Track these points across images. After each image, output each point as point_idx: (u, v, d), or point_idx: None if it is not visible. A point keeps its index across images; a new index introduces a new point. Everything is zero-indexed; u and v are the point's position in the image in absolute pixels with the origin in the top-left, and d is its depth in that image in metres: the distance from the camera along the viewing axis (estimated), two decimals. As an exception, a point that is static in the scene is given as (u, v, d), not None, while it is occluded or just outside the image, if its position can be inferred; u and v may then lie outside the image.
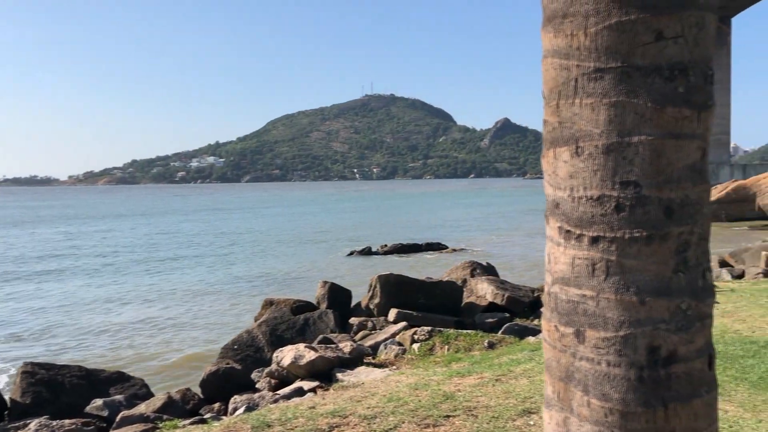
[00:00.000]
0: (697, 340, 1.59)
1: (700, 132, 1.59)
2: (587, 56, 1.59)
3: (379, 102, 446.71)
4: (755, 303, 7.95)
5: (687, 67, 1.55)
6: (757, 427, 4.11)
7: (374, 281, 9.72)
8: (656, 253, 1.56)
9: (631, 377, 1.56)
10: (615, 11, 1.54)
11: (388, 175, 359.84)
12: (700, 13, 1.56)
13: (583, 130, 1.60)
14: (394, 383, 5.60)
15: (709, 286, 1.62)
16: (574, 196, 1.63)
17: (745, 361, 5.47)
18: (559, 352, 1.68)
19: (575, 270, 1.64)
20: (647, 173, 1.55)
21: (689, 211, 1.57)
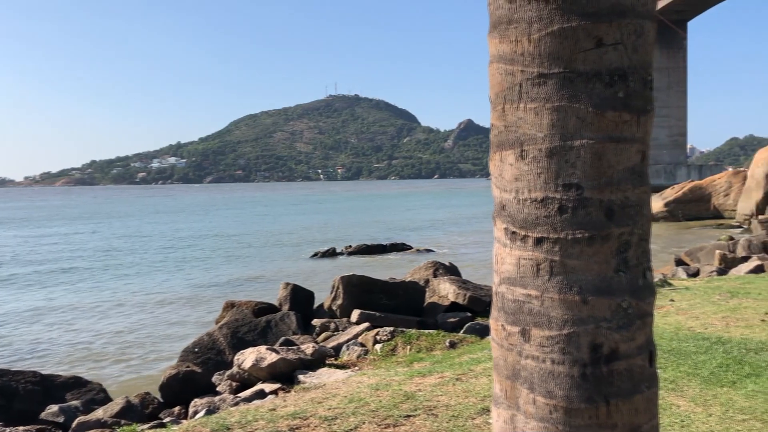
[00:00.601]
0: (637, 338, 1.64)
1: (640, 136, 1.64)
2: (531, 62, 1.63)
3: (343, 102, 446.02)
4: (708, 300, 8.17)
5: (626, 72, 1.60)
6: (707, 420, 4.23)
7: (337, 282, 9.72)
8: (598, 253, 1.60)
9: (574, 374, 1.60)
10: (557, 18, 1.58)
11: (353, 176, 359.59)
12: (638, 20, 1.61)
13: (528, 133, 1.65)
14: (355, 384, 5.62)
15: (650, 285, 1.68)
16: (519, 198, 1.67)
17: (697, 357, 5.62)
18: (505, 350, 1.72)
19: (521, 270, 1.67)
20: (589, 176, 1.59)
21: (629, 213, 1.62)
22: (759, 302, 7.87)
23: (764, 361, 5.46)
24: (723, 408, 4.44)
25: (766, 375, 5.10)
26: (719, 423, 4.18)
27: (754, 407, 4.44)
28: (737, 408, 4.44)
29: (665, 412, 4.36)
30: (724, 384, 4.94)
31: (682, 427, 4.14)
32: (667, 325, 6.87)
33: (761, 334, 6.34)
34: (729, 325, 6.80)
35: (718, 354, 5.68)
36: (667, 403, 4.53)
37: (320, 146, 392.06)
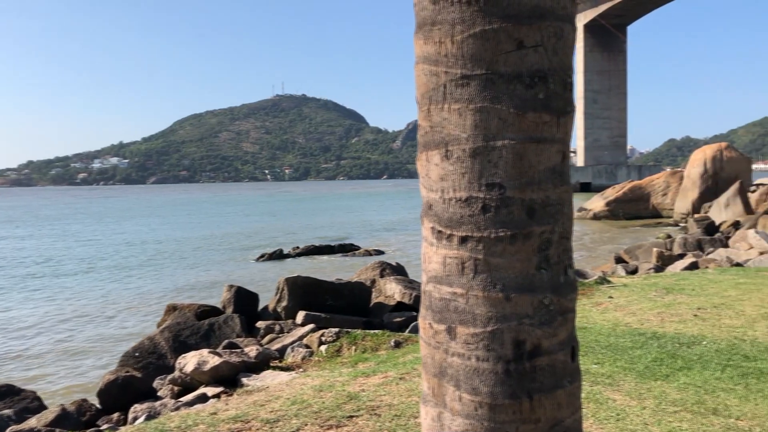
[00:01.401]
0: (559, 334, 1.68)
1: (560, 136, 1.67)
2: (454, 63, 1.65)
3: (290, 102, 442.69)
4: (645, 297, 8.40)
5: (547, 74, 1.63)
6: (641, 413, 4.35)
7: (281, 284, 9.64)
8: (520, 251, 1.64)
9: (498, 371, 1.63)
10: (479, 20, 1.60)
11: (301, 176, 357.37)
12: (558, 23, 1.64)
13: (452, 134, 1.66)
14: (299, 386, 5.58)
15: (571, 282, 1.72)
16: (445, 198, 1.69)
17: (633, 352, 5.77)
18: (433, 348, 1.74)
19: (446, 269, 1.69)
20: (511, 175, 1.62)
21: (550, 212, 1.66)
22: (692, 298, 8.14)
23: (696, 354, 5.66)
24: (656, 401, 4.58)
25: (697, 368, 5.28)
26: (652, 415, 4.31)
27: (685, 399, 4.60)
28: (669, 400, 4.58)
29: (602, 407, 4.47)
30: (658, 377, 5.09)
31: (617, 420, 4.24)
32: (605, 322, 7.05)
33: (693, 329, 6.56)
34: (664, 320, 7.02)
35: (653, 349, 5.85)
36: (604, 398, 4.64)
37: (267, 146, 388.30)
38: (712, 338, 6.17)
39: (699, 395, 4.68)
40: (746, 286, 8.75)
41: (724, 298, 7.98)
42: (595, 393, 4.74)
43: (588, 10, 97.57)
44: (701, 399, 4.60)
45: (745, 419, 4.24)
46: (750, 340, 6.10)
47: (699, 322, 6.84)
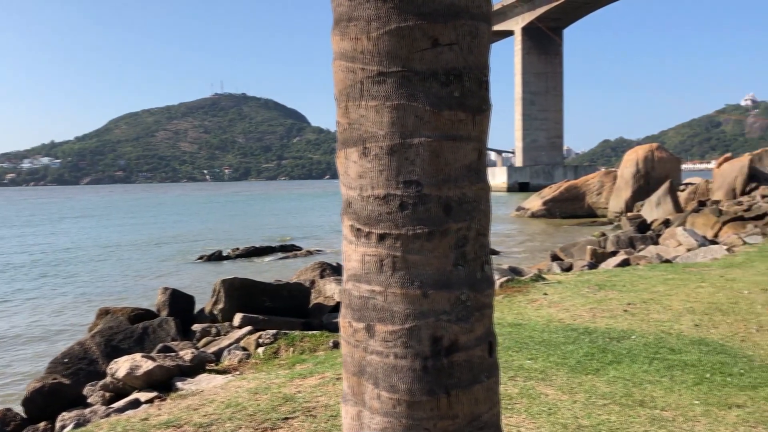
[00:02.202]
0: (476, 329, 1.70)
1: (476, 134, 1.69)
2: (371, 60, 1.65)
3: (230, 101, 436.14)
4: (578, 293, 8.61)
5: (462, 72, 1.65)
6: (572, 407, 4.45)
7: (218, 286, 9.47)
8: (437, 248, 1.64)
9: (416, 368, 1.63)
10: (394, 17, 1.60)
11: (241, 176, 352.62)
12: (473, 22, 1.66)
13: (370, 131, 1.66)
14: (234, 389, 5.50)
15: (488, 277, 1.74)
16: (363, 196, 1.69)
17: (565, 348, 5.90)
18: (352, 347, 1.73)
19: (365, 267, 1.69)
20: (427, 173, 1.63)
21: (467, 209, 1.67)
22: (623, 294, 8.39)
23: (625, 348, 5.83)
24: (587, 395, 4.69)
25: (626, 362, 5.44)
26: (582, 409, 4.41)
27: (614, 392, 4.73)
28: (599, 394, 4.70)
29: (534, 401, 4.55)
30: (589, 372, 5.22)
31: (549, 414, 4.33)
32: (539, 318, 7.19)
33: (623, 324, 6.76)
34: (595, 316, 7.21)
35: (585, 344, 6.00)
36: (537, 393, 4.73)
37: (206, 146, 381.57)
38: (641, 332, 6.37)
39: (627, 388, 4.82)
40: (674, 282, 9.07)
41: (652, 294, 8.25)
42: (528, 388, 4.82)
43: (525, 13, 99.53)
44: (629, 391, 4.74)
45: (670, 409, 4.40)
46: (676, 334, 6.32)
47: (629, 317, 7.05)
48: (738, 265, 10.69)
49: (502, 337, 6.23)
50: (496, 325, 6.88)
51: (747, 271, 9.83)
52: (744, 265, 10.63)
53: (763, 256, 11.50)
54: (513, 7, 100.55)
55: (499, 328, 6.63)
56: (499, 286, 9.43)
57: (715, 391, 4.74)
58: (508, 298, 8.59)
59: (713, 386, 4.85)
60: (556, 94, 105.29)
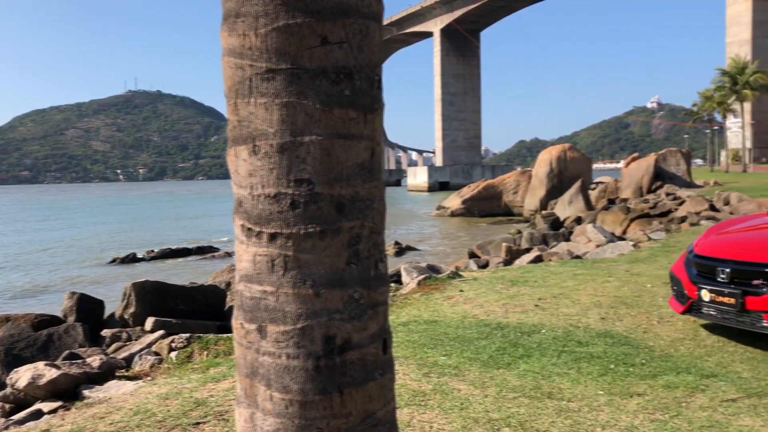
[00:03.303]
0: (370, 327, 1.71)
1: (368, 133, 1.70)
2: (259, 56, 1.63)
3: (144, 98, 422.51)
4: (492, 290, 8.80)
5: (352, 71, 1.65)
6: (483, 401, 4.54)
7: (128, 289, 9.16)
8: (329, 246, 1.64)
9: (308, 367, 1.63)
10: (282, 14, 1.59)
11: (156, 176, 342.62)
12: (363, 21, 1.67)
13: (259, 129, 1.65)
14: (144, 395, 5.33)
15: (382, 275, 1.75)
16: (254, 194, 1.67)
17: (479, 343, 6.02)
18: (245, 349, 1.71)
19: (257, 267, 1.67)
20: (319, 171, 1.63)
21: (360, 207, 1.68)
22: (535, 289, 8.63)
23: (535, 342, 6.00)
24: (498, 388, 4.79)
25: (536, 355, 5.60)
26: (494, 403, 4.51)
27: (524, 385, 4.86)
28: (510, 387, 4.82)
29: (447, 397, 4.62)
30: (501, 366, 5.34)
31: (461, 409, 4.40)
32: (455, 314, 7.31)
33: (534, 318, 6.96)
34: (508, 311, 7.39)
35: (497, 338, 6.13)
36: (450, 388, 4.80)
37: (119, 145, 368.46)
38: (551, 326, 6.57)
39: (536, 381, 4.96)
40: (582, 277, 9.41)
41: (562, 289, 8.53)
42: (442, 384, 4.89)
43: (444, 15, 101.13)
44: (538, 384, 4.88)
45: (576, 400, 4.55)
46: (583, 327, 6.55)
47: (539, 312, 7.26)
48: (643, 260, 11.21)
49: (418, 335, 6.30)
50: (413, 323, 6.97)
51: (651, 266, 10.32)
52: (648, 260, 11.16)
53: (665, 251, 12.10)
54: (432, 9, 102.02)
55: (415, 326, 6.71)
56: (417, 284, 9.53)
57: (619, 381, 4.95)
58: (425, 296, 8.70)
59: (617, 376, 5.06)
60: (474, 96, 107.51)
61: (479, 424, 4.14)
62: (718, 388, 4.78)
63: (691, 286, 6.12)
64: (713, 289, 5.86)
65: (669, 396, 4.63)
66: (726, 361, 5.50)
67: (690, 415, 4.28)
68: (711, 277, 5.98)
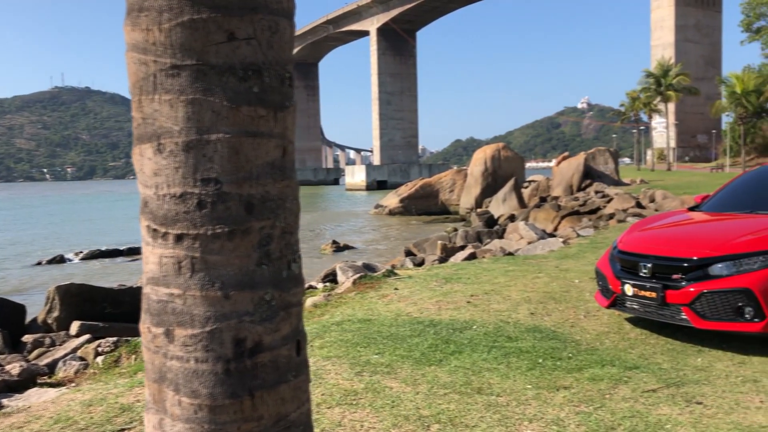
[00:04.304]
0: (282, 329, 1.68)
1: (279, 131, 1.68)
2: (163, 52, 1.59)
3: (72, 95, 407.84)
4: (426, 287, 8.87)
5: (261, 68, 1.63)
6: (414, 398, 4.57)
7: (52, 293, 8.82)
8: (239, 247, 1.62)
9: (218, 371, 1.60)
10: (187, 9, 1.56)
11: (86, 175, 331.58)
12: (272, 17, 1.64)
13: (164, 127, 1.60)
14: (66, 402, 5.13)
15: (295, 276, 1.73)
16: (159, 194, 1.63)
17: (412, 340, 6.05)
18: (152, 353, 1.67)
19: (163, 269, 1.63)
20: (227, 170, 1.60)
21: (270, 207, 1.66)
22: (467, 286, 8.75)
23: (467, 338, 6.07)
24: (429, 385, 4.83)
25: (467, 351, 5.67)
26: (425, 399, 4.54)
27: (455, 381, 4.91)
28: (441, 384, 4.86)
29: (378, 395, 4.62)
30: (432, 363, 5.38)
31: (392, 407, 4.41)
32: (388, 313, 7.34)
33: (466, 315, 7.05)
34: (441, 308, 7.46)
35: (429, 336, 6.18)
36: (382, 386, 4.81)
37: (45, 143, 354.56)
38: (482, 322, 6.67)
39: (467, 377, 5.03)
40: (514, 273, 9.60)
41: (494, 285, 8.68)
42: (374, 383, 4.89)
43: (380, 14, 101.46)
44: (469, 380, 4.94)
45: (504, 395, 4.64)
46: (513, 323, 6.68)
47: (471, 308, 7.37)
48: (571, 256, 11.52)
49: (352, 333, 6.29)
50: (347, 322, 6.95)
51: (579, 262, 10.61)
52: (576, 256, 11.47)
53: (593, 247, 12.47)
54: (368, 8, 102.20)
55: (349, 325, 6.70)
56: (352, 283, 9.52)
57: (546, 375, 5.06)
58: (360, 295, 8.70)
59: (544, 370, 5.17)
60: (410, 95, 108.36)
61: (409, 422, 4.16)
62: (640, 379, 4.96)
63: (615, 281, 6.33)
64: (636, 283, 6.07)
65: (594, 388, 4.77)
66: (648, 352, 5.71)
67: (613, 406, 4.42)
68: (634, 272, 6.19)
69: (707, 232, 6.57)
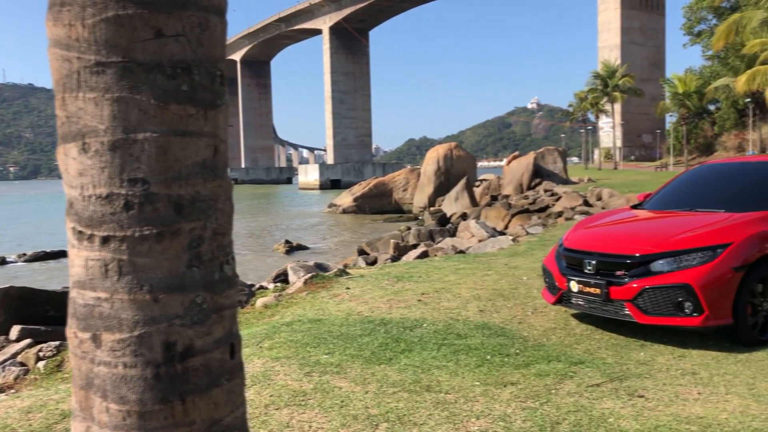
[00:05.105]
0: (214, 332, 1.66)
1: (209, 130, 1.65)
2: (87, 49, 1.54)
3: (14, 92, 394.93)
4: (378, 286, 8.88)
5: (191, 66, 1.59)
6: (363, 398, 4.57)
7: (-10, 297, 8.51)
8: (168, 249, 1.58)
9: (147, 376, 1.56)
10: (112, 5, 1.52)
11: (29, 175, 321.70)
12: (202, 14, 1.61)
13: (89, 125, 1.56)
14: (3, 410, 4.95)
15: (228, 278, 1.70)
16: (85, 195, 1.58)
17: (362, 339, 6.04)
18: (79, 359, 1.62)
19: (89, 272, 1.59)
20: (155, 170, 1.56)
21: (201, 207, 1.63)
22: (419, 284, 8.79)
23: (417, 336, 6.10)
24: (378, 384, 4.83)
25: (417, 349, 5.69)
26: (374, 398, 4.54)
27: (404, 380, 4.92)
28: (390, 382, 4.87)
29: (328, 395, 4.60)
30: (382, 362, 5.38)
31: (341, 407, 4.40)
32: (339, 312, 7.31)
33: (416, 313, 7.08)
34: (392, 307, 7.48)
35: (380, 334, 6.18)
36: (331, 386, 4.79)
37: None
38: (432, 320, 6.71)
39: (416, 375, 5.05)
40: (464, 271, 9.68)
41: (445, 283, 8.74)
42: (323, 383, 4.87)
43: (333, 13, 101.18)
44: (418, 378, 4.96)
45: (453, 392, 4.67)
46: (463, 320, 6.74)
47: (422, 307, 7.40)
48: (520, 253, 11.70)
49: (302, 334, 6.25)
50: (297, 322, 6.90)
51: (527, 259, 10.78)
52: (525, 253, 11.65)
53: (542, 244, 12.67)
54: (320, 6, 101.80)
55: (299, 325, 6.65)
56: (303, 283, 9.46)
57: (494, 372, 5.12)
58: (311, 295, 8.65)
59: (492, 367, 5.23)
60: (364, 94, 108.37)
61: (358, 421, 4.16)
62: (585, 374, 5.06)
63: (561, 277, 6.44)
64: (581, 280, 6.19)
65: (540, 384, 4.85)
66: (593, 348, 5.83)
67: (558, 401, 4.50)
68: (579, 269, 6.31)
69: (649, 230, 6.75)
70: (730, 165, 8.39)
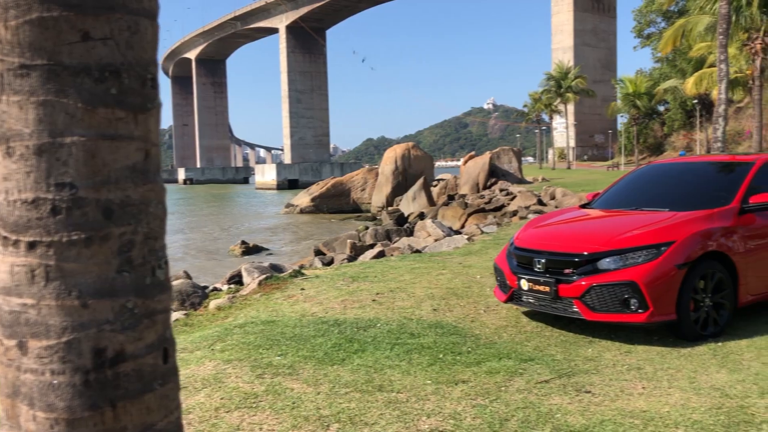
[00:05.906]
0: (146, 337, 1.64)
1: (140, 134, 1.64)
2: (10, 51, 1.52)
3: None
4: (333, 286, 8.88)
5: (120, 69, 1.58)
6: (315, 399, 4.56)
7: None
8: (97, 254, 1.57)
9: (76, 383, 1.54)
10: (36, 6, 1.49)
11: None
12: (132, 17, 1.60)
13: (14, 129, 1.53)
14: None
15: (160, 282, 1.69)
16: (10, 200, 1.55)
17: (315, 340, 6.03)
18: (5, 367, 1.59)
19: (15, 278, 1.56)
20: (83, 174, 1.54)
21: (132, 211, 1.62)
22: (374, 284, 8.81)
23: (370, 336, 6.11)
24: (331, 385, 4.84)
25: (370, 349, 5.71)
26: (325, 399, 4.55)
27: (357, 380, 4.93)
28: (343, 383, 4.87)
29: (279, 397, 4.59)
30: (335, 362, 5.38)
31: (292, 408, 4.39)
32: (293, 313, 7.29)
33: (371, 313, 7.10)
34: (346, 307, 7.48)
35: (334, 335, 6.18)
36: (283, 388, 4.77)
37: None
38: (386, 320, 6.74)
39: (369, 375, 5.06)
40: (419, 271, 9.75)
41: (399, 283, 8.79)
42: (275, 384, 4.85)
43: (289, 12, 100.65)
44: (370, 378, 4.98)
45: (405, 391, 4.70)
46: (416, 319, 6.78)
47: (376, 306, 7.43)
48: (475, 252, 11.83)
49: (255, 336, 6.21)
50: (250, 324, 6.86)
51: (482, 258, 10.91)
52: (480, 252, 11.79)
53: (496, 243, 12.84)
54: (277, 5, 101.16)
55: (252, 327, 6.61)
56: (258, 284, 9.40)
57: (446, 370, 5.17)
58: (266, 296, 8.60)
59: (444, 365, 5.29)
60: (321, 93, 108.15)
61: (309, 422, 4.16)
62: (535, 371, 5.15)
63: (512, 276, 6.55)
64: (531, 278, 6.30)
65: (491, 381, 4.92)
66: (543, 345, 5.94)
67: (508, 398, 4.58)
68: (529, 268, 6.43)
69: (596, 228, 6.91)
70: (675, 165, 8.64)
